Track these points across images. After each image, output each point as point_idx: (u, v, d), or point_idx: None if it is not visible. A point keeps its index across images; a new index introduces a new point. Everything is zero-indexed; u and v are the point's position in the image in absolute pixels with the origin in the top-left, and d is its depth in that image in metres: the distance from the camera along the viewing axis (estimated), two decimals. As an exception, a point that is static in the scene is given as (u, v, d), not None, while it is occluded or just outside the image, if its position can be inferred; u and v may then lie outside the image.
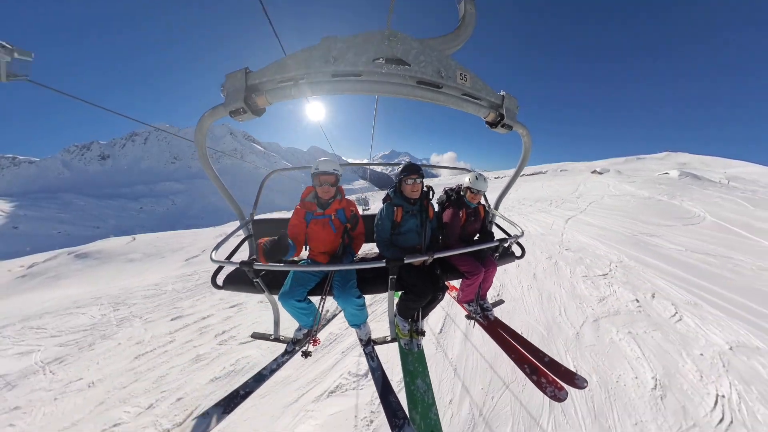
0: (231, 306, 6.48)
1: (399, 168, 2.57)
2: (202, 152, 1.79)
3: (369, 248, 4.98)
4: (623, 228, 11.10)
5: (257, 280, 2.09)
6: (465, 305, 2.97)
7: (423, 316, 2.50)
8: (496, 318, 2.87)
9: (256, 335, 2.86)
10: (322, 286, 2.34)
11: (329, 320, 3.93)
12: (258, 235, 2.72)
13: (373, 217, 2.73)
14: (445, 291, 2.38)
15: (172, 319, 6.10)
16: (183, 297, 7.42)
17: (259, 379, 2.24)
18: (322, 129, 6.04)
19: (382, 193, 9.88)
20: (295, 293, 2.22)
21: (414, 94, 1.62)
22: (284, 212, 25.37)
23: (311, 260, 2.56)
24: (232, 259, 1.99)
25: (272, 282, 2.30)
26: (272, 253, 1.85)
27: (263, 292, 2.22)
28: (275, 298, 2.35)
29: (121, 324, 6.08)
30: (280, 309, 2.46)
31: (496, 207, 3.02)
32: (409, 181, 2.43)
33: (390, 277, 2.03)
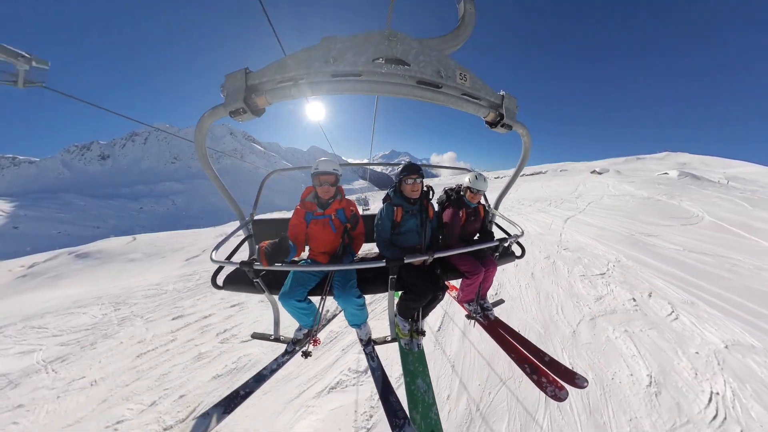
0: (232, 305, 6.50)
1: (399, 168, 2.57)
2: (202, 152, 1.79)
3: (369, 248, 5.00)
4: (622, 228, 11.12)
5: (257, 280, 2.09)
6: (465, 305, 2.97)
7: (423, 316, 2.50)
8: (496, 318, 2.87)
9: (256, 335, 2.85)
10: (322, 286, 2.34)
11: (329, 320, 3.94)
12: (258, 235, 2.72)
13: (373, 217, 2.73)
14: (445, 291, 2.38)
15: (173, 319, 6.11)
16: (184, 296, 7.44)
17: (259, 380, 2.24)
18: (322, 129, 6.05)
19: (382, 193, 9.88)
20: (296, 293, 2.23)
21: (414, 94, 1.62)
22: (284, 212, 25.37)
23: (311, 260, 2.56)
24: (232, 260, 2.00)
25: (272, 282, 2.30)
26: (274, 256, 1.84)
27: (263, 292, 2.23)
28: (275, 298, 2.35)
29: (122, 323, 6.10)
30: (280, 309, 2.46)
31: (496, 207, 3.02)
32: (409, 180, 2.43)
33: (390, 276, 2.03)
